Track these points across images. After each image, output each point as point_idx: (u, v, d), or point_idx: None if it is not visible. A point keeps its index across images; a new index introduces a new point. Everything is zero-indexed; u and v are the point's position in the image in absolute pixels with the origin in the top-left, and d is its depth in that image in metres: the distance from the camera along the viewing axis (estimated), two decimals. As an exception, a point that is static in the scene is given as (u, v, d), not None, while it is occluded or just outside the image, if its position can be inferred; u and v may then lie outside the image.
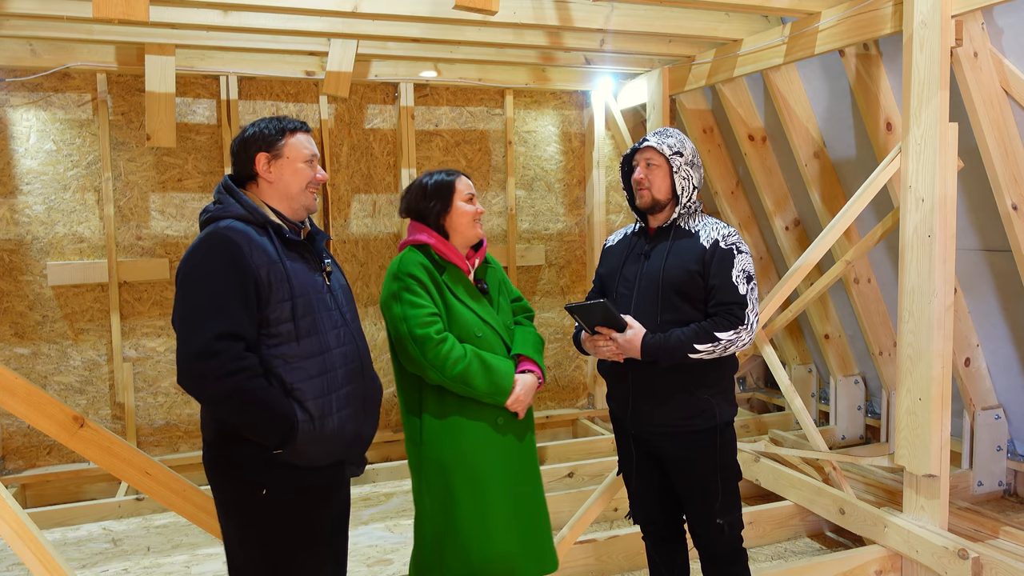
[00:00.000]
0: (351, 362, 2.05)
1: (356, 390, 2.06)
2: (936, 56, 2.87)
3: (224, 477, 1.99)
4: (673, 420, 2.34)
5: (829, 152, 4.19)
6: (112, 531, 3.73)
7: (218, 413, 1.92)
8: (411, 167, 4.80)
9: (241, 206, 1.97)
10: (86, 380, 4.39)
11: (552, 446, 4.75)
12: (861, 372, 4.80)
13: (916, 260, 2.99)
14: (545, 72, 4.99)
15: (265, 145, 2.02)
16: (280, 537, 1.96)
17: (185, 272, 1.90)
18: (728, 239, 2.32)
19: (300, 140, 2.06)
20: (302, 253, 2.04)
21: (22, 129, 4.18)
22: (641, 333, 2.28)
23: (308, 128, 2.12)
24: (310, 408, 1.92)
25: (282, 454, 1.90)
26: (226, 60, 4.36)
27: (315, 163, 2.09)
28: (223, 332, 1.80)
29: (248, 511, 1.96)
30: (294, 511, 1.97)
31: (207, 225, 1.99)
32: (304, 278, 1.99)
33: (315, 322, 1.97)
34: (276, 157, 2.03)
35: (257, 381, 1.84)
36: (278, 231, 1.99)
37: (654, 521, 2.55)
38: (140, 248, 4.43)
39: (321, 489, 2.02)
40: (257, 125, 2.06)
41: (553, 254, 5.38)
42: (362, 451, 2.13)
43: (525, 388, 2.34)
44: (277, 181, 2.03)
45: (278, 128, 2.05)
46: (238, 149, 2.05)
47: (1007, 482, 3.91)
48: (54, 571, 2.19)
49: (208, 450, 2.01)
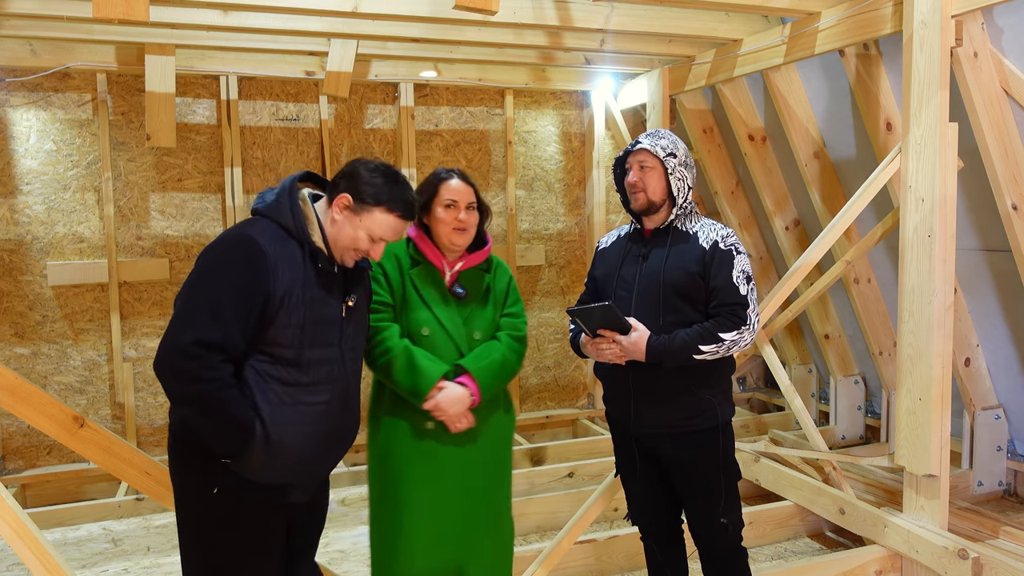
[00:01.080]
0: (332, 401, 1.97)
1: (325, 429, 1.97)
2: (936, 56, 2.87)
3: (184, 467, 1.96)
4: (675, 421, 2.34)
5: (829, 152, 4.19)
6: (112, 531, 3.73)
7: (177, 406, 1.91)
8: (411, 167, 4.80)
9: (292, 215, 1.89)
10: (86, 380, 4.39)
11: (552, 446, 4.75)
12: (861, 372, 4.80)
13: (916, 260, 2.99)
14: (545, 72, 4.99)
15: (358, 195, 1.92)
16: (224, 537, 1.93)
17: (202, 262, 1.86)
18: (727, 240, 2.32)
19: (389, 222, 1.95)
20: (328, 281, 1.95)
21: (22, 129, 4.18)
22: (646, 335, 2.27)
23: (413, 216, 2.01)
24: (269, 431, 1.85)
25: (230, 464, 1.86)
26: (226, 60, 4.36)
27: (380, 244, 1.98)
28: (208, 340, 1.76)
29: (197, 504, 1.94)
30: (240, 515, 1.92)
31: (253, 215, 1.93)
32: (321, 308, 1.92)
33: (312, 356, 1.90)
34: (355, 212, 1.93)
35: (225, 393, 1.79)
36: (314, 256, 1.91)
37: (656, 522, 2.55)
38: (140, 248, 4.43)
39: (271, 499, 1.95)
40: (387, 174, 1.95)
41: (553, 254, 5.38)
42: (315, 481, 2.06)
43: (449, 398, 2.22)
44: (337, 227, 1.94)
45: (390, 194, 1.93)
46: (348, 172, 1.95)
47: (1007, 482, 3.91)
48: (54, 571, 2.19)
49: (172, 439, 1.98)
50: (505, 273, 2.49)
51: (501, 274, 2.47)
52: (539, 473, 4.21)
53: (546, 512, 3.80)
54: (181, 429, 1.94)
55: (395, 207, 1.95)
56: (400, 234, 2.03)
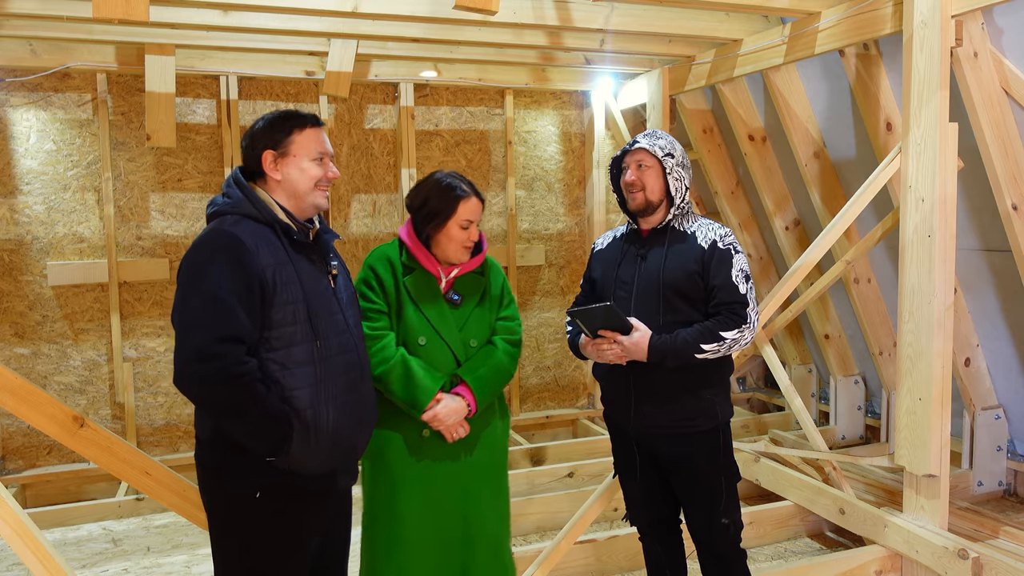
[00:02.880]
0: (352, 370, 1.99)
1: (354, 399, 1.99)
2: (936, 56, 2.87)
3: (215, 476, 1.93)
4: (677, 421, 2.34)
5: (829, 152, 4.19)
6: (112, 531, 3.73)
7: (212, 417, 1.87)
8: (411, 167, 4.81)
9: (250, 202, 1.89)
10: (86, 380, 4.39)
11: (552, 446, 4.75)
12: (861, 372, 4.80)
13: (916, 260, 2.99)
14: (545, 72, 4.99)
15: (271, 143, 1.94)
16: (265, 543, 1.91)
17: (188, 268, 1.82)
18: (725, 239, 2.33)
19: (309, 136, 1.96)
20: (309, 255, 1.97)
21: (22, 129, 4.18)
22: (648, 335, 2.27)
23: (320, 122, 2.01)
24: (306, 416, 1.85)
25: (275, 461, 1.85)
26: (226, 60, 4.36)
27: (326, 160, 1.99)
28: (225, 335, 1.74)
29: (237, 513, 1.91)
30: (283, 518, 1.91)
31: (213, 219, 1.91)
32: (312, 280, 1.93)
33: (319, 327, 1.90)
34: (283, 155, 1.94)
35: (256, 387, 1.77)
36: (286, 231, 1.92)
37: (655, 522, 2.55)
38: (140, 248, 4.43)
39: (314, 496, 1.96)
40: (265, 119, 1.96)
41: (553, 254, 5.38)
42: (355, 460, 2.08)
43: (447, 410, 2.22)
44: (285, 180, 1.94)
45: (286, 124, 1.95)
46: (246, 145, 1.97)
47: (1007, 482, 3.91)
48: (54, 571, 2.19)
49: (201, 447, 1.95)
50: (498, 275, 2.47)
51: (494, 276, 2.45)
52: (539, 473, 4.21)
53: (546, 512, 3.80)
54: (213, 436, 1.90)
55: (303, 123, 1.96)
56: (325, 141, 2.00)
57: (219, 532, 1.95)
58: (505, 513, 2.45)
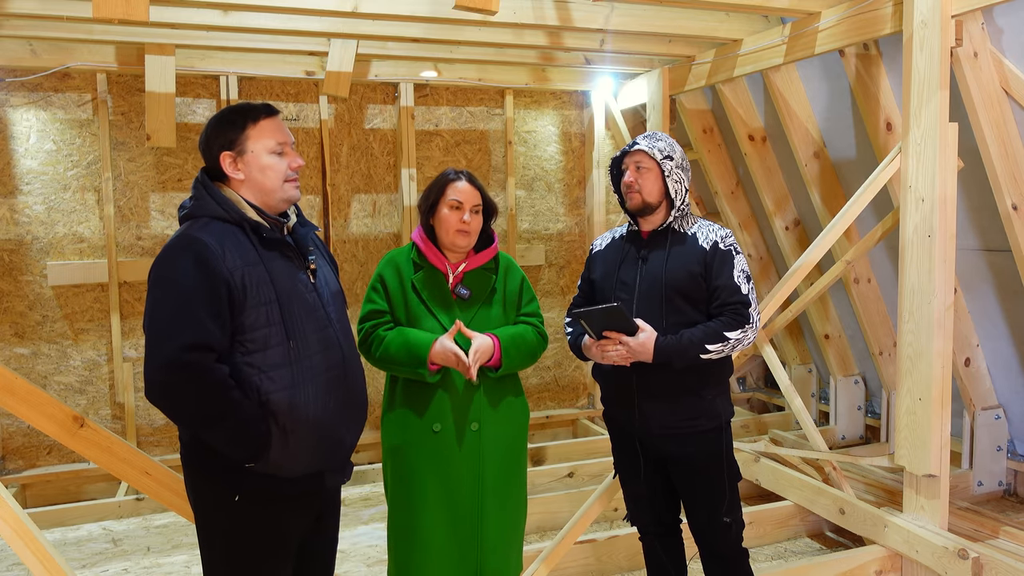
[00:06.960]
0: (334, 368, 1.92)
1: (338, 397, 1.93)
2: (936, 56, 2.87)
3: (199, 478, 1.90)
4: (680, 421, 2.35)
5: (829, 152, 4.19)
6: (112, 531, 3.73)
7: (188, 427, 1.82)
8: (411, 167, 4.81)
9: (216, 203, 1.82)
10: (86, 380, 4.39)
11: (552, 446, 4.76)
12: (861, 372, 4.80)
13: (916, 260, 2.99)
14: (545, 72, 4.99)
15: (226, 142, 1.85)
16: (248, 544, 1.88)
17: (155, 276, 1.78)
18: (726, 240, 2.34)
19: (264, 128, 1.87)
20: (283, 251, 1.89)
21: (22, 129, 4.18)
22: (654, 336, 2.27)
23: (274, 110, 1.91)
24: (285, 419, 1.80)
25: (255, 466, 1.80)
26: (226, 60, 4.36)
27: (287, 150, 1.90)
28: (193, 343, 1.68)
29: (220, 515, 1.88)
30: (266, 520, 1.87)
31: (184, 222, 1.86)
32: (286, 279, 1.86)
33: (294, 327, 1.83)
34: (240, 154, 1.85)
35: (230, 393, 1.72)
36: (256, 229, 1.84)
37: (656, 521, 2.55)
38: (140, 248, 4.43)
39: (297, 498, 1.91)
40: (215, 118, 1.86)
41: (553, 254, 5.38)
42: (345, 457, 2.02)
43: (478, 345, 2.23)
44: (249, 179, 1.86)
45: (237, 119, 1.85)
46: (202, 149, 1.89)
47: (1007, 482, 3.91)
48: (54, 571, 2.19)
49: (185, 450, 1.91)
50: (517, 273, 2.48)
51: (513, 274, 2.47)
52: (539, 473, 4.21)
53: (546, 512, 3.80)
54: (193, 440, 1.87)
55: (255, 116, 1.88)
56: (282, 129, 1.91)
57: (204, 532, 1.94)
58: (521, 513, 2.48)
